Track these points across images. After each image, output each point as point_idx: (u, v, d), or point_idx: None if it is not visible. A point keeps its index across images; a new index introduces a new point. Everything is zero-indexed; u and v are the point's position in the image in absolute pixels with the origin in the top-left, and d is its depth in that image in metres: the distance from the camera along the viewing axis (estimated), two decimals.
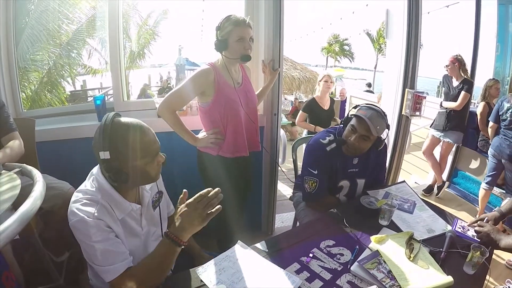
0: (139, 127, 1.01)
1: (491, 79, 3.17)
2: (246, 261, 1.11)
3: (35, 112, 2.34)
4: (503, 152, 2.56)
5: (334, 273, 1.09)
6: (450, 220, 1.46)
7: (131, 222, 1.09)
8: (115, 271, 0.95)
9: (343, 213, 1.44)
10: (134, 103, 2.20)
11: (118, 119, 1.00)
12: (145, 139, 1.00)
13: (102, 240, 0.95)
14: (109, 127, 0.96)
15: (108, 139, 0.95)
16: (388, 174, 2.90)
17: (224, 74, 1.63)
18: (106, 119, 0.98)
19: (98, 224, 0.95)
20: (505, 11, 4.41)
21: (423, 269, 1.10)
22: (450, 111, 3.14)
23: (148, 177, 1.06)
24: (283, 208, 2.95)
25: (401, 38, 2.62)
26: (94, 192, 1.00)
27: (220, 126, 1.67)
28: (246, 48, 1.57)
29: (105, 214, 0.99)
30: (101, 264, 0.95)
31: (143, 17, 9.25)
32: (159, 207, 1.23)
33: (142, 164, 1.00)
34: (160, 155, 1.06)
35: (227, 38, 1.55)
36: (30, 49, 5.10)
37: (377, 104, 1.67)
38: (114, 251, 0.97)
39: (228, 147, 1.70)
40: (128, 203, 1.06)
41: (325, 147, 1.60)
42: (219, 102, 1.61)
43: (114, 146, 0.96)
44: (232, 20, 1.55)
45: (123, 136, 0.97)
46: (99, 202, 0.99)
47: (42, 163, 1.69)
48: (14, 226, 0.82)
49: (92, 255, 0.95)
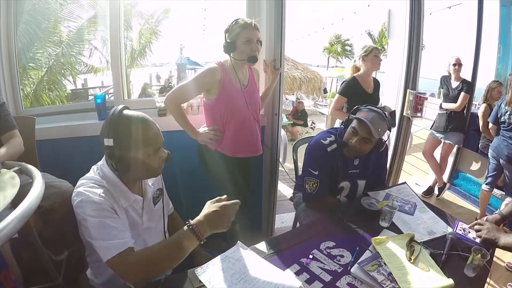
0: (144, 119, 1.05)
1: (494, 81, 3.17)
2: (245, 262, 1.11)
3: (35, 111, 2.34)
4: (501, 152, 2.57)
5: (334, 274, 1.08)
6: (451, 222, 1.46)
7: (133, 213, 1.11)
8: (115, 247, 0.92)
9: (343, 214, 1.43)
10: (135, 102, 2.21)
11: (126, 111, 1.04)
12: (148, 131, 1.04)
13: (105, 216, 0.96)
14: (116, 117, 1.00)
15: (113, 128, 0.99)
16: (389, 175, 2.90)
17: (231, 74, 1.69)
18: (114, 110, 1.02)
19: (103, 202, 0.97)
20: (507, 13, 4.39)
21: (424, 271, 1.09)
22: (450, 112, 3.14)
23: (149, 170, 1.08)
24: (283, 208, 2.95)
25: (403, 38, 2.62)
26: (99, 179, 1.04)
27: (219, 124, 1.73)
28: (253, 49, 1.63)
29: (111, 198, 1.01)
30: (101, 238, 0.93)
31: (145, 16, 9.25)
32: (162, 203, 1.25)
33: (143, 155, 1.03)
34: (163, 150, 1.09)
35: (235, 40, 1.61)
36: (30, 47, 5.10)
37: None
38: (116, 227, 0.96)
39: (227, 145, 1.75)
40: (131, 194, 1.08)
41: (326, 148, 1.60)
42: (222, 100, 1.67)
43: (118, 135, 0.99)
44: (240, 23, 1.61)
45: (126, 125, 1.01)
46: (105, 187, 1.02)
47: (42, 162, 1.68)
48: (12, 225, 0.81)
49: (93, 229, 0.94)
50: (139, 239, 1.12)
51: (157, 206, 1.23)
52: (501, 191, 2.91)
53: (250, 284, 1.01)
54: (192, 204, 1.93)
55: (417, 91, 2.63)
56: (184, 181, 1.95)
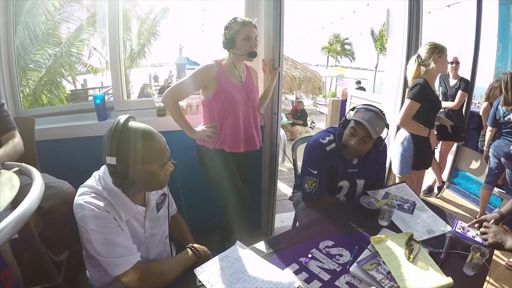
0: (148, 133, 0.99)
1: (497, 81, 3.15)
2: (244, 261, 1.11)
3: (34, 111, 2.35)
4: (501, 150, 2.57)
5: (333, 274, 1.08)
6: (450, 220, 1.46)
7: (135, 224, 1.09)
8: (125, 264, 0.95)
9: (342, 214, 1.44)
10: (134, 102, 2.20)
11: (130, 124, 0.97)
12: (153, 146, 0.99)
13: (111, 232, 0.95)
14: (118, 131, 0.94)
15: (116, 144, 0.93)
16: (388, 174, 2.89)
17: (229, 71, 1.73)
18: (117, 123, 0.96)
19: (107, 216, 0.95)
20: (506, 11, 4.40)
21: (423, 270, 1.09)
22: (448, 110, 3.15)
23: (155, 185, 1.06)
24: (283, 207, 2.95)
25: (402, 37, 2.62)
26: (100, 190, 1.00)
27: (217, 120, 1.76)
28: (252, 46, 1.68)
29: (113, 210, 0.99)
30: (110, 256, 0.94)
31: (143, 15, 9.24)
32: (168, 209, 1.24)
33: (149, 172, 0.99)
34: (169, 164, 1.05)
35: (235, 37, 1.66)
36: (30, 48, 5.10)
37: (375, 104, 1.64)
38: (122, 243, 0.97)
39: (225, 141, 1.77)
40: (133, 205, 1.05)
41: (324, 147, 1.60)
42: (219, 96, 1.70)
43: (121, 153, 0.94)
44: (239, 21, 1.66)
45: (130, 142, 0.95)
46: (106, 199, 0.99)
47: (42, 162, 1.69)
48: (11, 226, 0.81)
49: (100, 247, 0.94)
50: (142, 246, 1.12)
51: (160, 212, 1.21)
52: (501, 189, 2.91)
53: (249, 284, 1.01)
54: (192, 204, 1.95)
55: None
56: (183, 181, 1.95)
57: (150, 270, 1.01)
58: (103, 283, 1.11)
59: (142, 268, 0.99)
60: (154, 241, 1.18)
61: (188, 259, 1.11)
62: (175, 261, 1.10)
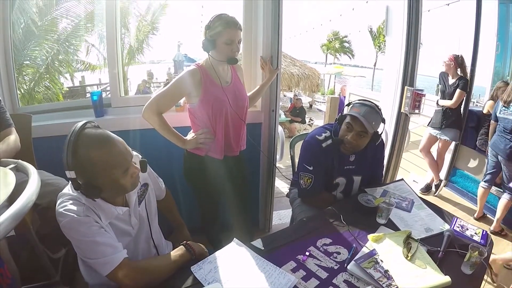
0: (105, 139, 0.95)
1: (502, 81, 3.24)
2: (241, 259, 1.11)
3: (31, 108, 2.33)
4: (498, 147, 2.59)
5: (330, 272, 1.09)
6: (449, 219, 1.46)
7: (120, 224, 1.08)
8: (112, 262, 0.96)
9: (340, 211, 1.43)
10: (131, 99, 2.19)
11: (85, 132, 0.93)
12: (112, 153, 0.95)
13: (94, 234, 0.95)
14: (72, 143, 0.91)
15: (71, 157, 0.91)
16: (387, 172, 2.90)
17: (212, 74, 1.59)
18: (72, 132, 0.92)
19: (88, 220, 0.95)
20: (506, 10, 4.38)
21: (421, 269, 1.09)
22: (446, 109, 3.16)
23: (123, 190, 1.03)
24: (280, 205, 2.96)
25: (401, 35, 2.61)
26: (78, 196, 0.98)
27: (209, 127, 1.63)
28: (233, 51, 1.54)
29: (92, 214, 0.98)
30: (97, 257, 0.95)
31: (142, 12, 9.18)
32: (145, 200, 1.19)
33: (112, 179, 0.96)
34: (133, 166, 1.01)
35: (216, 39, 1.52)
36: (27, 45, 5.07)
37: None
38: (108, 243, 0.97)
39: (219, 147, 1.66)
40: (113, 208, 1.03)
41: (321, 144, 1.60)
42: (207, 101, 1.57)
43: (79, 165, 0.92)
44: (223, 20, 1.50)
45: (86, 152, 0.91)
46: (85, 204, 0.97)
47: (39, 159, 1.68)
48: (7, 223, 0.81)
49: (87, 250, 0.95)
50: (131, 242, 1.13)
51: (142, 204, 1.18)
52: (498, 187, 2.92)
53: (246, 282, 1.01)
54: (187, 202, 1.94)
55: (415, 88, 2.63)
56: (171, 180, 1.91)
57: (139, 266, 1.02)
58: (96, 282, 1.12)
59: (131, 265, 0.99)
60: (142, 236, 1.19)
61: (180, 256, 1.10)
62: (165, 258, 1.10)
